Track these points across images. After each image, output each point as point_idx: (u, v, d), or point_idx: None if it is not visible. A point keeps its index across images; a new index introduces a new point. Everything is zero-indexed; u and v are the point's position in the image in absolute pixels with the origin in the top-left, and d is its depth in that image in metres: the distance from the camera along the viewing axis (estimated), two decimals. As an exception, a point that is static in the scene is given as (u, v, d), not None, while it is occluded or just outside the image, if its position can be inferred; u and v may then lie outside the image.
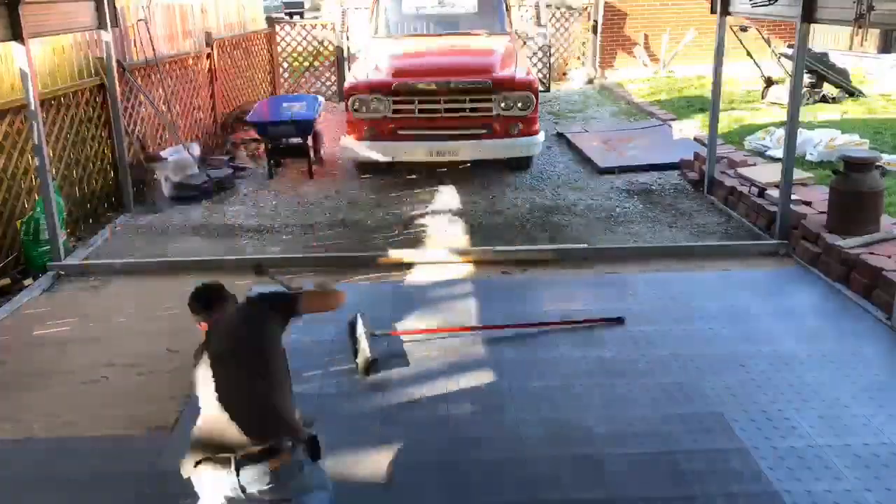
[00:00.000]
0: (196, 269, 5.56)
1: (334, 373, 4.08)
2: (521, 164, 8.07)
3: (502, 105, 7.40)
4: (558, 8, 14.16)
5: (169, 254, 6.02)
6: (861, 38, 4.66)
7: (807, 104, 9.96)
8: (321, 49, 13.10)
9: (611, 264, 5.48)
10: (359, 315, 4.42)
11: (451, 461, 3.31)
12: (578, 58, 14.53)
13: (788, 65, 9.32)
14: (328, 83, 13.01)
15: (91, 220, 6.80)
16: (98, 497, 3.19)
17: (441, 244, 6.01)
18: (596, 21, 14.25)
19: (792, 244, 5.58)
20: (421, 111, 7.46)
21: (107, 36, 6.48)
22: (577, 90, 13.65)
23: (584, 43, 14.50)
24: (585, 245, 5.87)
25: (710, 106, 7.04)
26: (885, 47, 13.01)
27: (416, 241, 6.15)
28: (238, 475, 2.31)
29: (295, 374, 4.00)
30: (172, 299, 5.08)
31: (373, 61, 7.98)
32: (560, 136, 9.65)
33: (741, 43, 10.82)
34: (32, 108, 5.37)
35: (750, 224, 6.18)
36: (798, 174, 6.10)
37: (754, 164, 7.09)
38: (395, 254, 5.69)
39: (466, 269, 5.47)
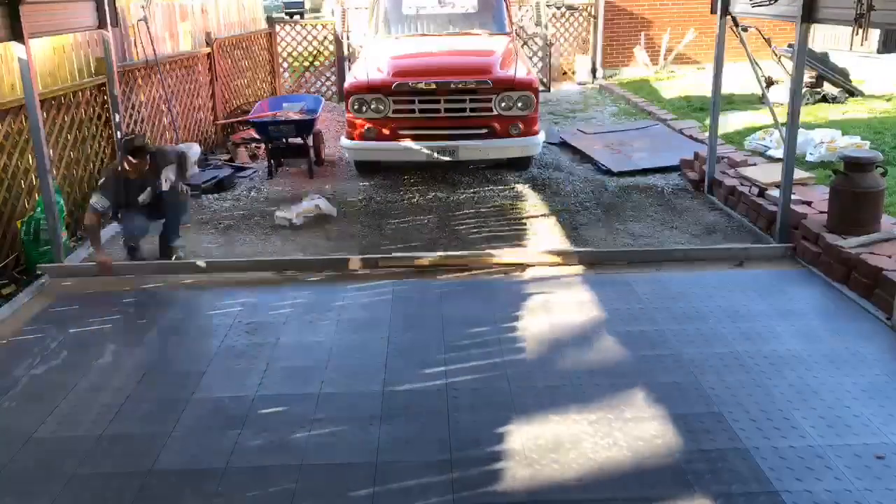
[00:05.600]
0: (195, 270, 5.60)
1: (335, 370, 4.10)
2: (521, 164, 8.08)
3: (502, 105, 7.40)
4: (558, 8, 14.16)
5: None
6: (861, 38, 4.64)
7: (807, 104, 9.96)
8: (321, 49, 13.11)
9: (611, 265, 5.48)
10: None
11: (449, 459, 3.31)
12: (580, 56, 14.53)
13: (788, 65, 9.31)
14: (328, 83, 13.02)
15: (80, 224, 6.79)
16: (98, 496, 3.19)
17: (439, 247, 6.02)
18: (596, 20, 14.27)
19: (792, 244, 5.58)
20: (421, 111, 7.46)
21: (107, 36, 6.48)
22: (578, 90, 13.66)
23: (584, 42, 14.51)
24: (589, 248, 5.86)
25: (709, 106, 7.05)
26: (885, 47, 13.01)
27: (415, 242, 6.15)
28: None
29: (295, 372, 4.07)
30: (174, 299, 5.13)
31: (373, 61, 7.98)
32: (561, 138, 9.64)
33: (742, 43, 10.80)
34: (32, 108, 5.37)
35: (750, 224, 6.18)
36: (798, 174, 6.10)
37: (754, 164, 7.09)
38: (394, 256, 5.70)
39: (467, 272, 5.47)
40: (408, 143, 7.45)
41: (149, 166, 5.55)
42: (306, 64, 13.07)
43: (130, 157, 5.40)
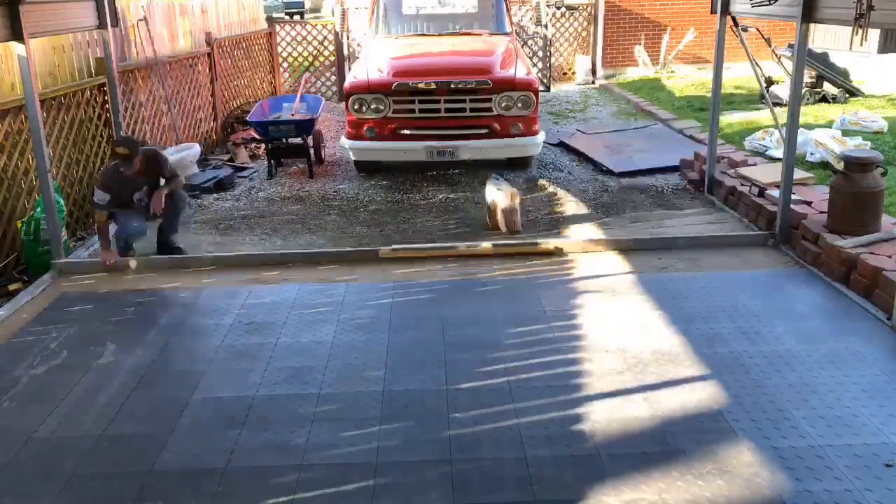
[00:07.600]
0: (195, 266, 5.61)
1: (335, 370, 4.10)
2: (521, 164, 8.08)
3: (502, 105, 7.41)
4: (558, 8, 14.16)
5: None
6: (861, 38, 4.64)
7: (807, 104, 9.96)
8: (321, 49, 13.12)
9: (612, 265, 5.48)
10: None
11: (449, 460, 3.31)
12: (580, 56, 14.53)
13: (788, 65, 9.31)
14: (328, 83, 13.02)
15: (92, 220, 6.80)
16: (98, 496, 3.19)
17: (436, 242, 6.03)
18: (596, 20, 14.27)
19: (792, 244, 5.58)
20: (421, 111, 7.47)
21: (107, 36, 6.48)
22: (578, 90, 13.66)
23: (584, 42, 14.51)
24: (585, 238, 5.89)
25: (709, 106, 7.05)
26: (885, 47, 13.00)
27: (414, 238, 6.15)
28: None
29: (296, 372, 4.07)
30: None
31: (373, 61, 7.99)
32: (560, 139, 9.64)
33: (741, 43, 10.81)
34: (32, 108, 5.37)
35: (750, 224, 6.17)
36: (798, 174, 6.10)
37: (754, 164, 7.09)
38: (396, 249, 5.71)
39: (465, 264, 5.47)
40: (408, 142, 7.45)
41: (145, 167, 5.62)
42: (306, 64, 13.07)
43: (117, 150, 5.51)
